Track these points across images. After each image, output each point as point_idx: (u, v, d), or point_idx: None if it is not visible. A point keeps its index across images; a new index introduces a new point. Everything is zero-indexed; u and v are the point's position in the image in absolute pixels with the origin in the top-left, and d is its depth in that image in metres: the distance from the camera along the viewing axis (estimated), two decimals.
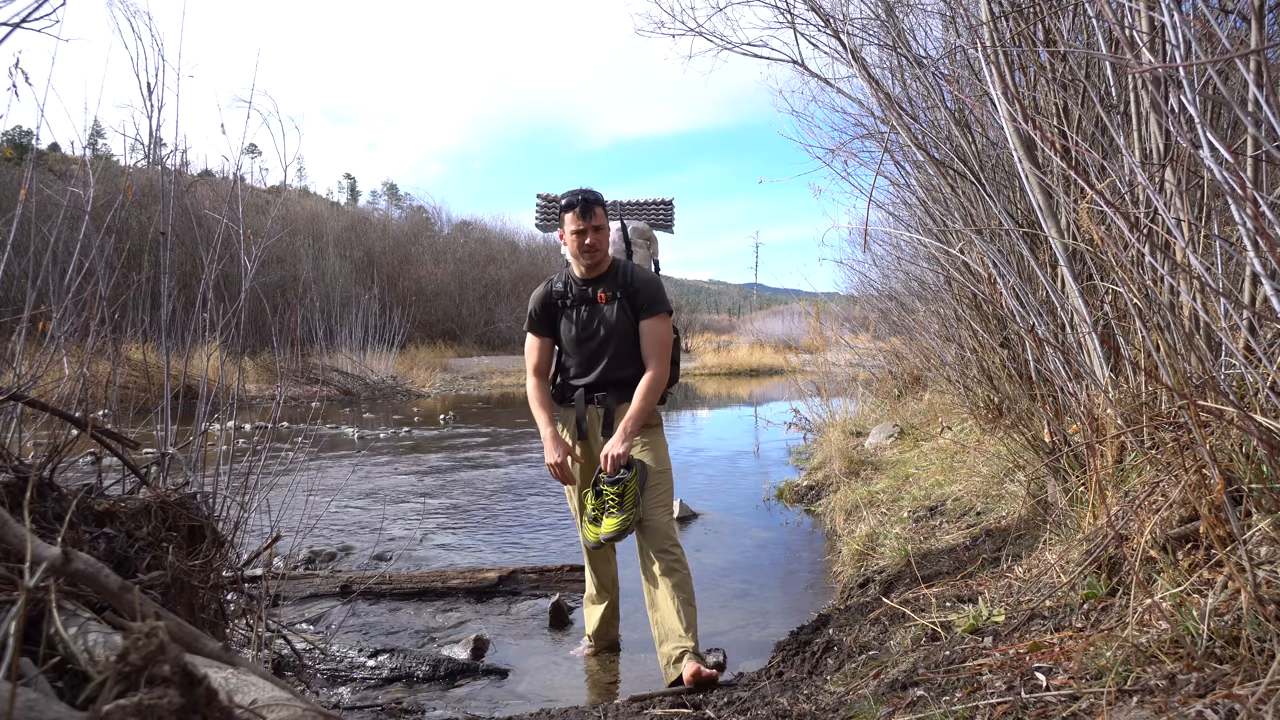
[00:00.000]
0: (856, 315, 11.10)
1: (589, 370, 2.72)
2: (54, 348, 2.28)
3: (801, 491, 5.62)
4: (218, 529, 2.18)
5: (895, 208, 5.32)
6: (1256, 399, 1.53)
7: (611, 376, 2.70)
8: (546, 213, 3.14)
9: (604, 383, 2.71)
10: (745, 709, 2.02)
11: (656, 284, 2.73)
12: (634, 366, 2.69)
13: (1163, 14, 1.59)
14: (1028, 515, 2.79)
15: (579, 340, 2.70)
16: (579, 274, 2.70)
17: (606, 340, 2.67)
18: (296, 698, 0.96)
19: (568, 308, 2.72)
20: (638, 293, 2.67)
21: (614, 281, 2.69)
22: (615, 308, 2.67)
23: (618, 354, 2.68)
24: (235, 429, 2.68)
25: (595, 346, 2.69)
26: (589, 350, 2.70)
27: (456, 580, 3.54)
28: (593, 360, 2.70)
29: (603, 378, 2.70)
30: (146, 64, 2.59)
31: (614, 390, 2.70)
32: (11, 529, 1.15)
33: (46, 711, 0.81)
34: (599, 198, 2.64)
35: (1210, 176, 1.51)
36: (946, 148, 2.97)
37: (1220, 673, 1.22)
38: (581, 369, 2.73)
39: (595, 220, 2.60)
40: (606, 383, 2.70)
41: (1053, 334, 2.42)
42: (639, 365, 2.68)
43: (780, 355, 23.41)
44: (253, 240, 2.78)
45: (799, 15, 3.50)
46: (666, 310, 2.70)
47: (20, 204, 2.26)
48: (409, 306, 21.33)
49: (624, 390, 2.69)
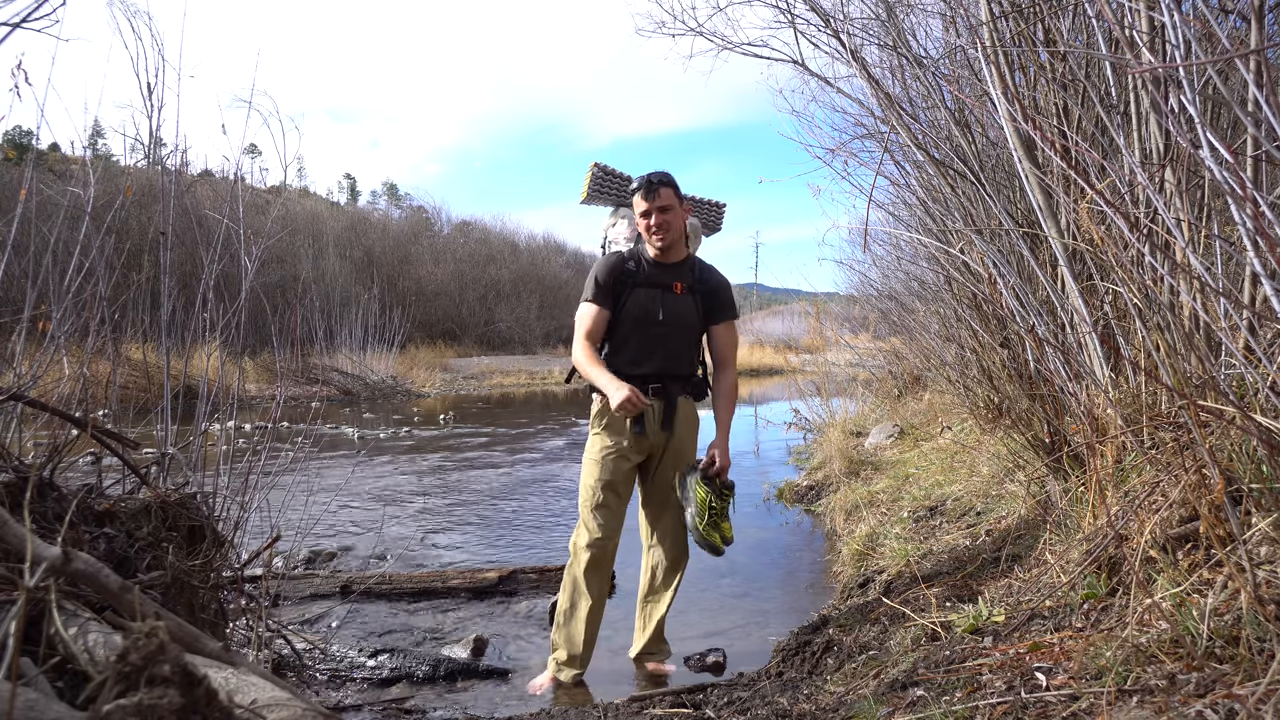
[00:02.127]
0: (856, 315, 11.10)
1: (644, 359, 2.58)
2: (54, 348, 2.28)
3: (801, 491, 5.61)
4: (218, 529, 2.18)
5: (895, 208, 5.33)
6: (1256, 399, 1.53)
7: (669, 370, 2.60)
8: (601, 184, 3.04)
9: (659, 375, 2.59)
10: (745, 709, 2.02)
11: (730, 288, 2.73)
12: (690, 363, 2.66)
13: (1163, 14, 1.59)
14: (1028, 515, 2.79)
15: (647, 324, 2.56)
16: (652, 255, 2.60)
17: (671, 332, 2.58)
18: (296, 698, 0.96)
19: (639, 287, 2.58)
20: (715, 294, 2.64)
21: (691, 275, 2.63)
22: (688, 302, 2.60)
23: (678, 348, 2.61)
24: (235, 429, 2.68)
25: (659, 335, 2.57)
26: (653, 336, 2.57)
27: (456, 580, 3.54)
28: (652, 349, 2.58)
29: (660, 370, 2.59)
30: (146, 64, 2.60)
31: (670, 383, 2.61)
32: (11, 529, 1.15)
33: (46, 711, 0.81)
34: (666, 178, 2.53)
35: (1210, 176, 1.51)
36: (946, 148, 2.97)
37: (1220, 673, 1.22)
38: (636, 358, 2.58)
39: (660, 200, 2.49)
40: (662, 375, 2.59)
41: (1053, 334, 2.42)
42: (694, 363, 2.67)
43: (780, 355, 23.42)
44: (253, 240, 2.78)
45: (799, 15, 3.50)
46: (737, 316, 2.72)
47: (20, 204, 2.26)
48: (409, 306, 21.31)
49: (679, 383, 2.63)
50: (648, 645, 2.72)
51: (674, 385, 2.62)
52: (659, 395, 2.60)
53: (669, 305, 2.57)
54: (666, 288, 2.59)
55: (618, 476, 2.57)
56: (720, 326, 2.65)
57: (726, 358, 2.67)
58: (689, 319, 2.61)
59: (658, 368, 2.58)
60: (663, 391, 2.60)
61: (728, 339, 2.66)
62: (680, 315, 2.59)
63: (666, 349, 2.59)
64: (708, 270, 2.68)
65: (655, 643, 2.73)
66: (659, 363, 2.59)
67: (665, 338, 2.58)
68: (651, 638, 2.72)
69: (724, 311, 2.65)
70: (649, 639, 2.71)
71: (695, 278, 2.63)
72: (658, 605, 2.70)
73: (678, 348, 2.61)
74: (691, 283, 2.62)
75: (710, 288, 2.64)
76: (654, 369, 2.58)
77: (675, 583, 2.71)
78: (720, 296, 2.65)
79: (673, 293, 2.59)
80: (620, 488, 2.59)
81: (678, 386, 2.62)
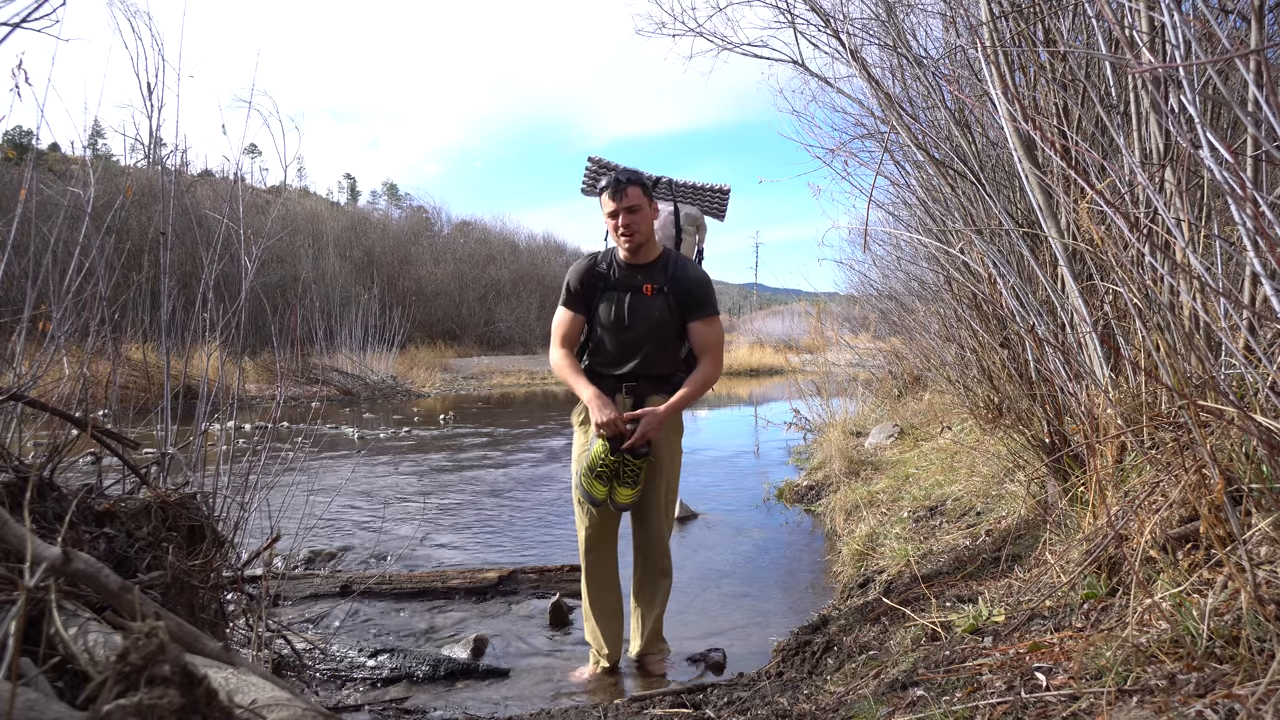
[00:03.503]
0: (856, 315, 11.11)
1: (622, 362, 2.60)
2: (54, 348, 2.28)
3: (801, 491, 5.61)
4: (218, 529, 2.18)
5: (895, 208, 5.33)
6: (1256, 399, 1.53)
7: (646, 371, 2.59)
8: (595, 177, 3.03)
9: (637, 376, 2.60)
10: (745, 709, 2.02)
11: (706, 283, 2.62)
12: (669, 364, 2.61)
13: (1163, 14, 1.59)
14: (1028, 515, 2.79)
15: (616, 328, 2.57)
16: (624, 256, 2.57)
17: (646, 334, 2.56)
18: (296, 698, 0.95)
19: (609, 290, 2.57)
20: (688, 293, 2.56)
21: (663, 274, 2.56)
22: (660, 302, 2.55)
23: (655, 350, 2.58)
24: (235, 429, 2.68)
25: (633, 338, 2.57)
26: (625, 340, 2.58)
27: (456, 580, 3.54)
28: (628, 352, 2.59)
29: (636, 371, 2.59)
30: (146, 64, 2.60)
31: (645, 382, 2.60)
32: (11, 529, 1.15)
33: (46, 711, 0.81)
34: (635, 176, 2.49)
35: (1210, 176, 1.51)
36: (946, 148, 2.97)
37: (1220, 673, 1.22)
38: (614, 359, 2.61)
39: (628, 200, 2.44)
40: (640, 376, 2.60)
41: (1053, 334, 2.42)
42: (674, 363, 2.62)
43: (780, 355, 23.40)
44: (253, 240, 2.78)
45: (799, 15, 3.50)
46: (716, 311, 2.62)
47: (20, 204, 2.26)
48: (409, 306, 21.31)
49: (655, 383, 2.60)
50: (646, 645, 2.72)
51: (649, 385, 2.60)
52: (631, 394, 2.60)
53: (636, 308, 2.55)
54: (635, 290, 2.56)
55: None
56: (697, 324, 2.58)
57: (704, 350, 2.60)
58: (660, 320, 2.55)
59: (634, 368, 2.59)
60: (635, 389, 2.60)
61: (706, 335, 2.59)
62: (649, 318, 2.55)
63: (641, 350, 2.58)
64: (681, 268, 2.59)
65: (654, 642, 2.73)
66: (635, 364, 2.59)
67: (639, 341, 2.57)
68: (649, 637, 2.72)
69: (699, 309, 2.57)
70: (647, 639, 2.71)
71: (667, 277, 2.56)
72: (650, 605, 2.71)
73: (654, 349, 2.58)
74: (663, 282, 2.56)
75: (683, 287, 2.56)
76: (630, 369, 2.59)
77: (663, 583, 2.72)
78: (693, 294, 2.57)
79: (641, 295, 2.55)
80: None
81: (653, 386, 2.60)
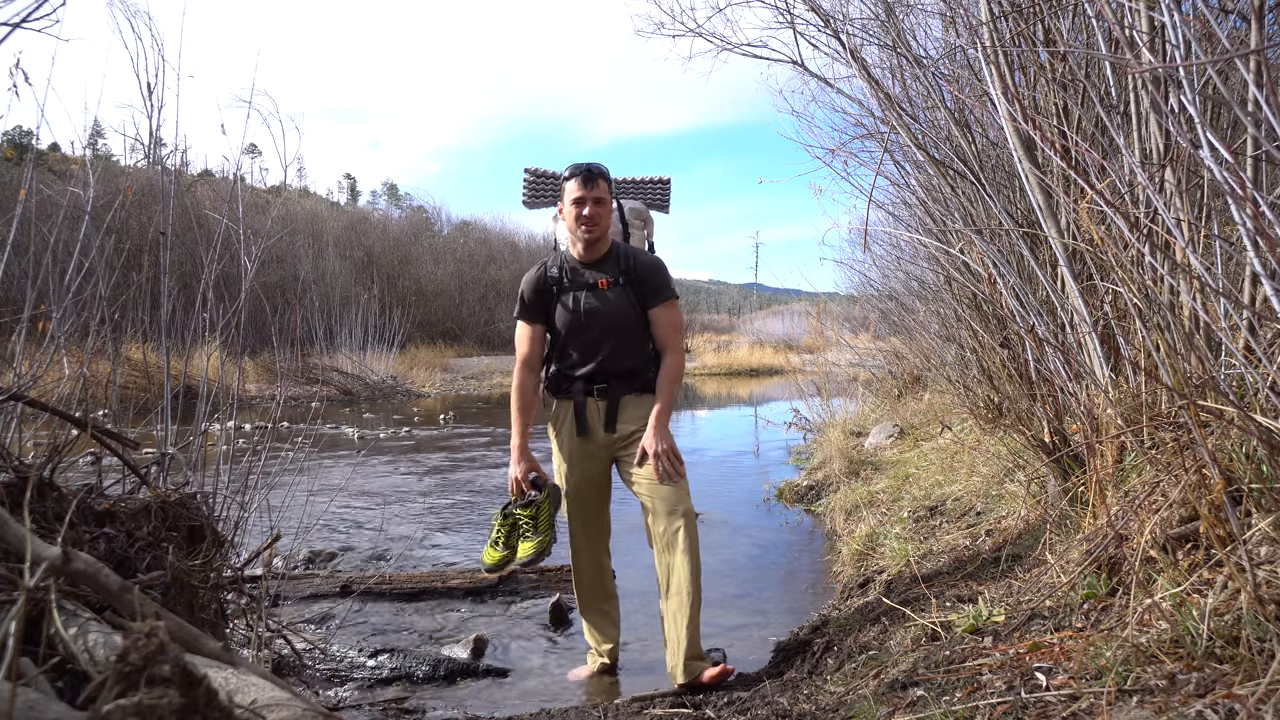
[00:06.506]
0: (856, 315, 11.12)
1: (587, 360, 2.56)
2: (54, 348, 2.28)
3: (801, 491, 5.61)
4: (218, 529, 2.18)
5: (895, 208, 5.33)
6: (1256, 399, 1.53)
7: (613, 368, 2.54)
8: (535, 188, 2.99)
9: (604, 374, 2.55)
10: (745, 709, 2.03)
11: (661, 268, 2.59)
12: (636, 357, 2.57)
13: (1163, 14, 1.59)
14: (1028, 515, 2.79)
15: (577, 329, 2.53)
16: (576, 255, 2.55)
17: (608, 329, 2.52)
18: (296, 698, 0.95)
19: (563, 293, 2.55)
20: (643, 280, 2.53)
21: (615, 266, 2.54)
22: (618, 295, 2.52)
23: (620, 344, 2.54)
24: (235, 429, 2.68)
25: (595, 335, 2.53)
26: (588, 339, 2.54)
27: (456, 580, 3.54)
28: (592, 350, 2.55)
29: (603, 368, 2.54)
30: (146, 64, 2.60)
31: (616, 382, 2.55)
32: (11, 529, 1.15)
33: (46, 711, 0.81)
34: (604, 171, 2.50)
35: (1210, 176, 1.51)
36: (946, 148, 2.97)
37: (1220, 673, 1.22)
38: (578, 360, 2.57)
39: (597, 191, 2.45)
40: (607, 374, 2.55)
41: (1053, 334, 2.42)
42: (642, 355, 2.58)
43: (780, 355, 23.39)
44: (252, 240, 2.78)
45: (799, 15, 3.50)
46: (675, 295, 2.59)
47: (20, 204, 2.26)
48: (409, 306, 21.34)
49: (626, 381, 2.57)
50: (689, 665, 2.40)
51: (620, 384, 2.56)
52: (603, 395, 2.56)
53: (594, 304, 2.52)
54: (591, 286, 2.53)
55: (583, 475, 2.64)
56: (657, 310, 2.54)
57: (666, 341, 2.56)
58: (621, 312, 2.52)
59: (600, 365, 2.55)
60: (607, 392, 2.56)
61: (666, 321, 2.55)
62: (608, 312, 2.51)
63: (606, 347, 2.54)
64: (633, 257, 2.56)
65: (694, 663, 2.41)
66: (602, 363, 2.55)
67: (602, 337, 2.54)
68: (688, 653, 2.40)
69: (657, 294, 2.53)
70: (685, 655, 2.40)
71: (621, 268, 2.54)
72: (679, 613, 2.44)
73: (618, 344, 2.54)
74: (618, 274, 2.53)
75: (638, 275, 2.53)
76: (596, 367, 2.56)
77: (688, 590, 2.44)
78: (649, 281, 2.53)
79: (598, 290, 2.53)
80: (583, 486, 2.64)
81: (624, 385, 2.56)
